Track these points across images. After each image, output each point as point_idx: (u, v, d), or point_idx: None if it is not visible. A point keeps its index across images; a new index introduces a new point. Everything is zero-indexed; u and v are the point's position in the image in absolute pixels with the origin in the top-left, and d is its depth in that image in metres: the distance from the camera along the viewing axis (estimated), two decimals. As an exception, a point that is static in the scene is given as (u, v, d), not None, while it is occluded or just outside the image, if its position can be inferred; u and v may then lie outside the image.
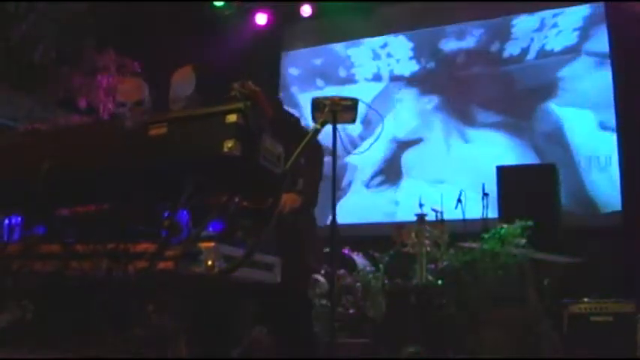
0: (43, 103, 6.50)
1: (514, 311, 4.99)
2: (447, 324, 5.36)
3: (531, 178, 6.55)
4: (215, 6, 9.06)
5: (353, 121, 3.27)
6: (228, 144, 1.91)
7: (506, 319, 4.93)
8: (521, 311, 5.00)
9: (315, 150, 3.23)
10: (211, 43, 7.84)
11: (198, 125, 2.02)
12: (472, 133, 8.29)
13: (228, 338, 3.05)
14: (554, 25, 8.02)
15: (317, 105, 3.09)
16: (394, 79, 8.87)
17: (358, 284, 6.26)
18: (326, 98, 3.14)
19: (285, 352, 3.18)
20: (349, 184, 8.72)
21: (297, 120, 3.50)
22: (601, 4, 7.68)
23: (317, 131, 2.93)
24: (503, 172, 6.68)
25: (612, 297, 4.99)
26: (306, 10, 8.93)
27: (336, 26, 9.02)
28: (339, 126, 3.23)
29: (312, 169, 3.26)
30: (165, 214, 2.05)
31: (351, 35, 9.12)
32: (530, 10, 8.12)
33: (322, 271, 5.81)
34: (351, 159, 8.58)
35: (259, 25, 9.14)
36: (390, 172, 8.57)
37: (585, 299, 5.01)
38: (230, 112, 1.97)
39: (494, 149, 7.97)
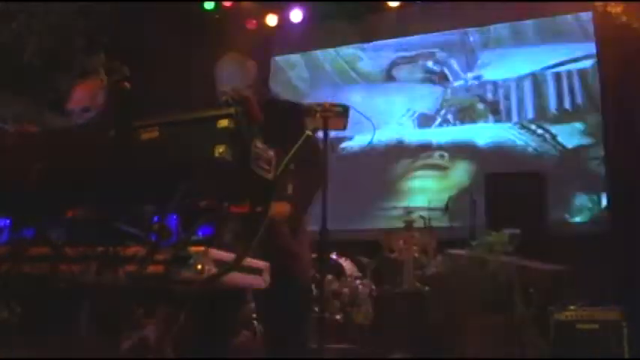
0: (32, 104, 6.46)
1: (501, 318, 5.01)
2: (434, 331, 5.38)
3: (520, 185, 6.58)
4: (205, 9, 9.03)
5: (344, 127, 3.28)
6: (220, 149, 1.92)
7: (493, 326, 4.95)
8: (507, 318, 5.02)
9: (315, 153, 3.16)
10: (201, 47, 7.82)
11: (190, 130, 2.03)
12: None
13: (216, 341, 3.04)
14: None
15: (308, 111, 3.08)
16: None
17: (345, 290, 6.26)
18: (318, 104, 3.14)
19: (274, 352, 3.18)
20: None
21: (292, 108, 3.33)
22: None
23: (308, 137, 2.92)
24: (491, 179, 6.71)
25: (599, 305, 5.01)
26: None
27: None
28: None
29: (310, 173, 3.18)
30: (156, 218, 2.05)
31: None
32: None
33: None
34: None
35: (250, 29, 9.13)
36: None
37: (572, 307, 5.03)
38: (222, 117, 1.98)
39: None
